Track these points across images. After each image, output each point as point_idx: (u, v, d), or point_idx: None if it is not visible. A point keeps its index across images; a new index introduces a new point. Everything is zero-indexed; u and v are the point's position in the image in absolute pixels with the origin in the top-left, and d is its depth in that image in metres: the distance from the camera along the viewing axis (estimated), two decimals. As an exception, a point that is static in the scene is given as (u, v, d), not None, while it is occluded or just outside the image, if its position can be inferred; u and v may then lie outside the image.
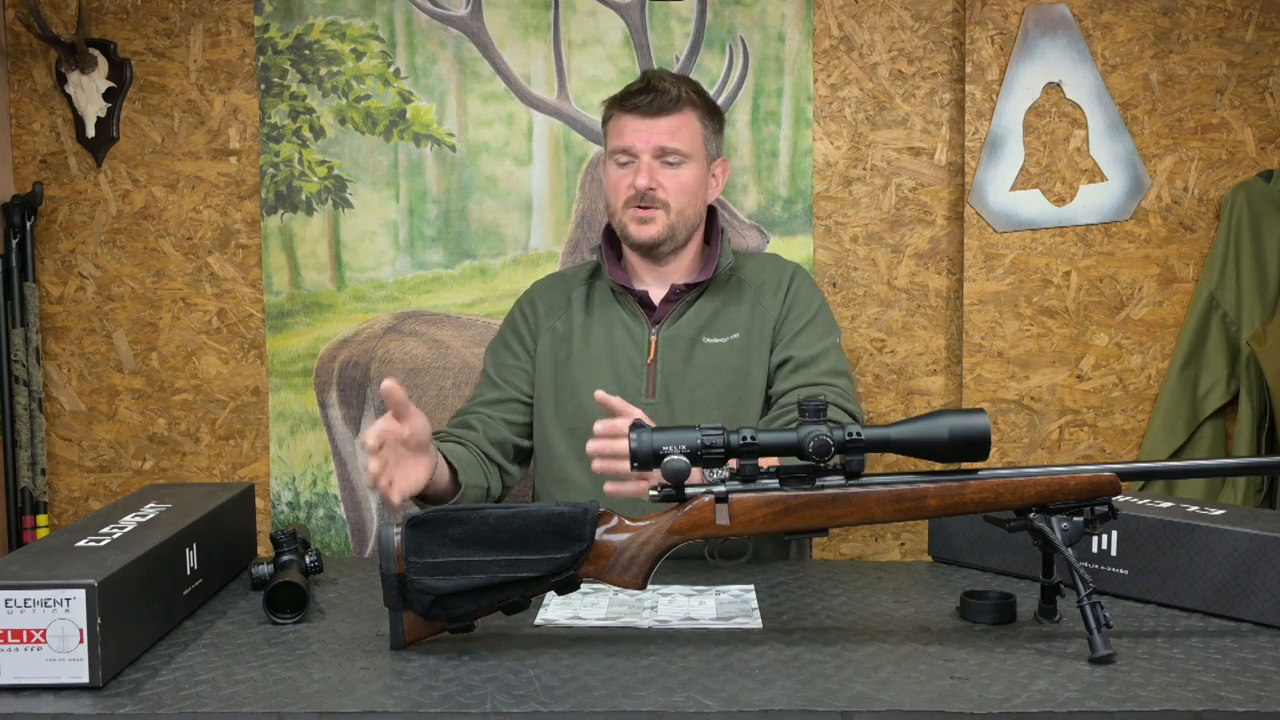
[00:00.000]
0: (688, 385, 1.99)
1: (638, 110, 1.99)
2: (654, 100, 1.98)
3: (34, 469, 2.48)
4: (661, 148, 1.98)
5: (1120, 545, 1.58)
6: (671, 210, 1.99)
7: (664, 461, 1.37)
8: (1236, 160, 2.45)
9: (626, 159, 2.01)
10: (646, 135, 1.98)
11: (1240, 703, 1.21)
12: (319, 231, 2.54)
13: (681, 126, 2.00)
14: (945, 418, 1.39)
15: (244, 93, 2.53)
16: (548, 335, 2.07)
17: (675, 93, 2.00)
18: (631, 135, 1.99)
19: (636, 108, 1.99)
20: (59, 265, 2.56)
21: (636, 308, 2.03)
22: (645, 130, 1.98)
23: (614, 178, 2.02)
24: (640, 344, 2.02)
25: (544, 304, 2.10)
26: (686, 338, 2.01)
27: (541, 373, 2.05)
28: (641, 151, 1.98)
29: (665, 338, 2.01)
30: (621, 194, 2.00)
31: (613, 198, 2.03)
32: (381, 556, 1.36)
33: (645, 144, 1.98)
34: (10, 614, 1.25)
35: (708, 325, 2.01)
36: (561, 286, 2.13)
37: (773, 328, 2.02)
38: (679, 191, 1.99)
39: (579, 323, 2.06)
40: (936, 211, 2.52)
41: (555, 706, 1.21)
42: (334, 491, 2.57)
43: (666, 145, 1.98)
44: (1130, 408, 2.49)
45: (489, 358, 2.12)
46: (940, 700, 1.21)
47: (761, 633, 1.45)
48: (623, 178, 2.01)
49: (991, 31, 2.44)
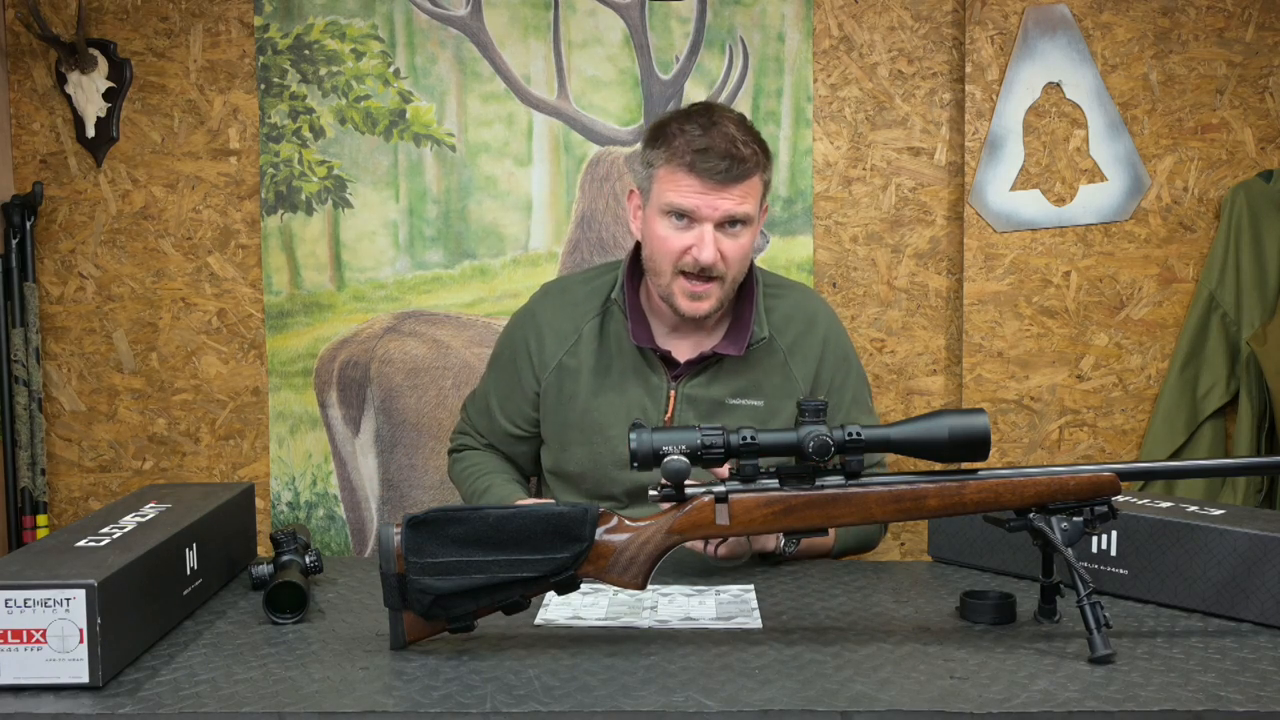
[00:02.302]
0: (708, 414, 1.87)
1: (709, 176, 1.75)
2: (729, 170, 1.75)
3: (34, 469, 2.48)
4: (730, 215, 1.77)
5: (1120, 545, 1.58)
6: (727, 280, 1.81)
7: (664, 461, 1.37)
8: (1236, 160, 2.45)
9: (683, 218, 1.78)
10: (714, 203, 1.76)
11: (1240, 703, 1.21)
12: (319, 231, 2.54)
13: (749, 192, 1.79)
14: (945, 418, 1.39)
15: (244, 93, 2.53)
16: (554, 371, 1.92)
17: (750, 161, 1.77)
18: (697, 199, 1.76)
19: (708, 173, 1.75)
20: (59, 265, 2.56)
21: (657, 362, 1.88)
22: (713, 198, 1.76)
23: (665, 238, 1.79)
24: (658, 399, 1.87)
25: (551, 335, 1.93)
26: (708, 399, 1.87)
27: (545, 405, 1.94)
28: (705, 219, 1.77)
29: (685, 395, 1.87)
30: (673, 259, 1.79)
31: (660, 259, 1.81)
32: (381, 556, 1.36)
33: (712, 212, 1.76)
34: (10, 614, 1.25)
35: (738, 388, 1.88)
36: (570, 313, 1.94)
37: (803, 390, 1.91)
38: (737, 259, 1.80)
39: (589, 365, 1.90)
40: (936, 211, 2.52)
41: (555, 706, 1.21)
42: (334, 491, 2.57)
43: (735, 212, 1.77)
44: (1130, 408, 2.49)
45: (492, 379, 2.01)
46: (940, 700, 1.21)
47: (761, 633, 1.45)
48: (677, 240, 1.78)
49: (991, 31, 2.44)
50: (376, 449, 2.57)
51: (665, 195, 1.79)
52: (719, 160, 1.74)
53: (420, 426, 2.56)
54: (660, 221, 1.80)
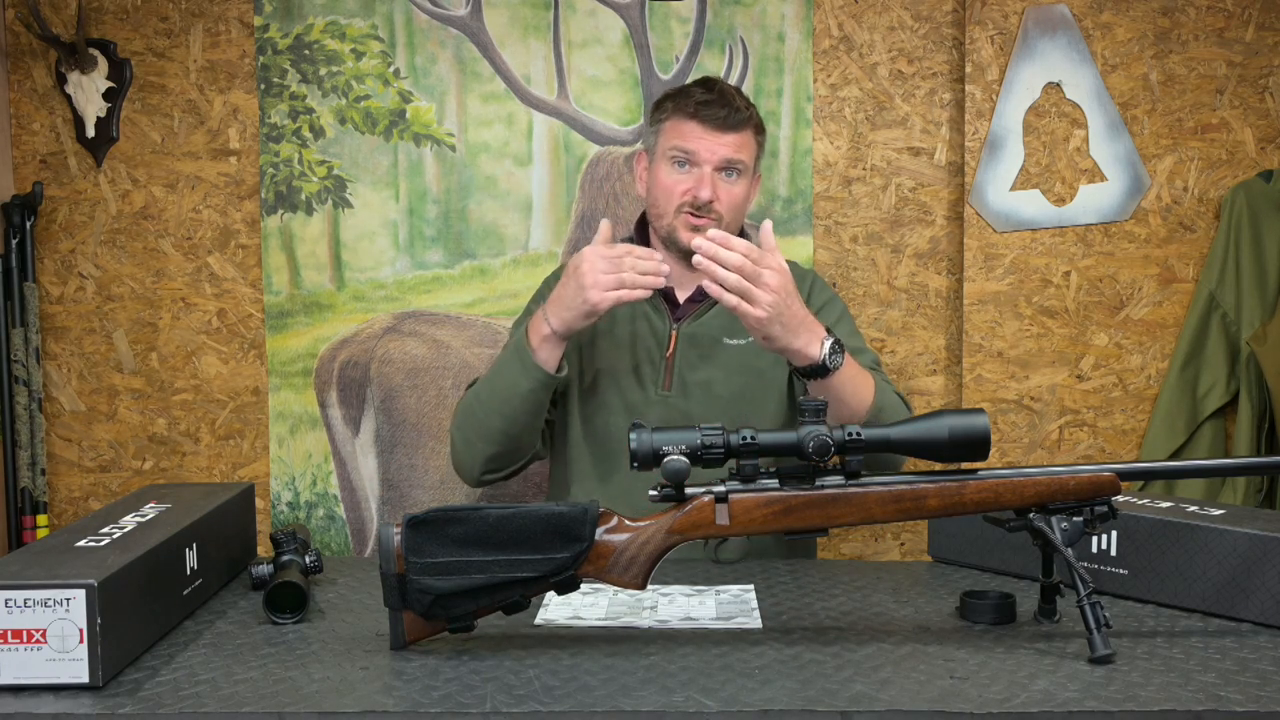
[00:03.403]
0: (704, 382, 2.01)
1: (710, 122, 1.97)
2: (729, 116, 1.96)
3: (34, 469, 2.48)
4: (727, 160, 1.97)
5: (1120, 545, 1.58)
6: (723, 223, 1.97)
7: (664, 462, 1.37)
8: (1236, 160, 2.45)
9: (686, 163, 1.98)
10: (713, 146, 1.96)
11: (1240, 703, 1.21)
12: (319, 231, 2.54)
13: (744, 143, 2.00)
14: (945, 418, 1.39)
15: (244, 93, 2.53)
16: None
17: (746, 112, 2.00)
18: (697, 142, 1.97)
19: (709, 119, 1.97)
20: (59, 265, 2.56)
21: (660, 301, 2.04)
22: (712, 141, 1.96)
23: (669, 180, 1.99)
24: (660, 337, 2.03)
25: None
26: (707, 336, 2.03)
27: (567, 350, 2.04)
28: (705, 161, 1.97)
29: (686, 334, 2.03)
30: (676, 198, 1.99)
31: (664, 200, 2.00)
32: (381, 556, 1.36)
33: (711, 155, 1.97)
34: (10, 614, 1.25)
35: (729, 327, 2.02)
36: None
37: None
38: (732, 206, 1.99)
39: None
40: (936, 211, 2.52)
41: (555, 706, 1.21)
42: (334, 491, 2.57)
43: (732, 158, 1.98)
44: (1130, 408, 2.49)
45: (515, 330, 2.10)
46: (940, 700, 1.21)
47: (761, 633, 1.45)
48: (679, 182, 1.98)
49: (991, 31, 2.44)
50: (376, 449, 2.57)
51: (671, 141, 1.99)
52: (719, 109, 1.97)
53: (420, 426, 2.56)
54: (665, 167, 2.00)
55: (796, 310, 1.76)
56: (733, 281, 1.73)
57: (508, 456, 1.98)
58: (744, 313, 1.74)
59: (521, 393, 1.90)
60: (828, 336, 1.78)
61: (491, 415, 1.93)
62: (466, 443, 1.98)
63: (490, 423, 1.93)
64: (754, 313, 1.73)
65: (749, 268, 1.73)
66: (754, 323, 1.75)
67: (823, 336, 1.79)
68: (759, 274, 1.73)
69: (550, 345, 1.88)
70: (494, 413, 1.93)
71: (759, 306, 1.73)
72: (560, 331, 1.87)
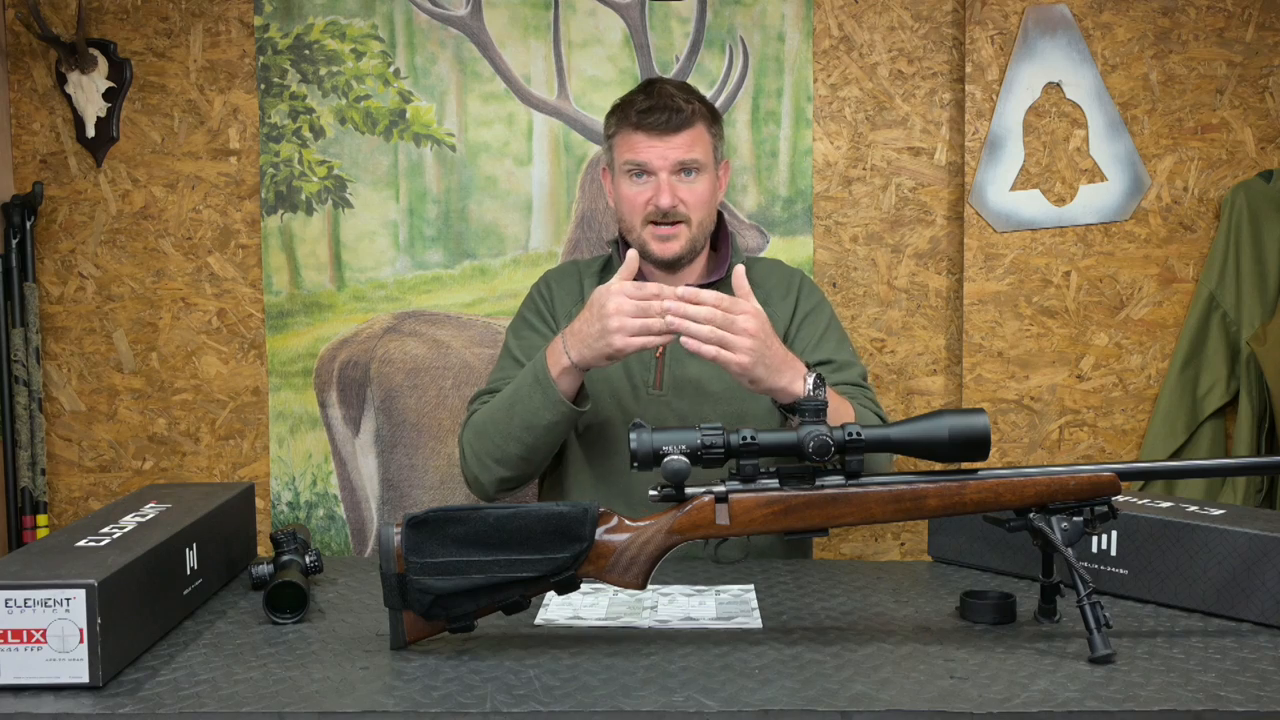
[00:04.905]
0: (695, 380, 2.00)
1: (654, 129, 1.97)
2: (669, 120, 1.96)
3: (34, 469, 2.48)
4: (679, 162, 1.97)
5: (1120, 545, 1.58)
6: (693, 223, 1.99)
7: (664, 462, 1.37)
8: (1236, 160, 2.45)
9: (641, 173, 1.99)
10: (664, 152, 1.96)
11: (1240, 703, 1.21)
12: (319, 231, 2.54)
13: (695, 140, 1.99)
14: (945, 418, 1.39)
15: (244, 93, 2.53)
16: (564, 320, 2.05)
17: (687, 110, 1.98)
18: (647, 152, 1.97)
19: (652, 127, 1.97)
20: (59, 265, 2.57)
21: None
22: (661, 147, 1.97)
23: (630, 194, 2.00)
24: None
25: (560, 289, 2.11)
26: None
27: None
28: (659, 169, 1.97)
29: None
30: (639, 210, 1.99)
31: (629, 215, 2.01)
32: (381, 556, 1.36)
33: (663, 161, 1.97)
34: (10, 614, 1.25)
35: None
36: (575, 274, 2.14)
37: (783, 330, 2.02)
38: (698, 204, 1.99)
39: None
40: (936, 211, 2.52)
41: (555, 706, 1.21)
42: (334, 491, 2.58)
43: (684, 159, 1.97)
44: (1130, 408, 2.49)
45: (511, 337, 2.10)
46: (940, 700, 1.22)
47: (761, 633, 1.45)
48: (639, 194, 1.99)
49: (991, 31, 2.44)
50: (376, 449, 2.57)
51: (623, 155, 2.01)
52: (659, 114, 1.97)
53: (420, 426, 2.56)
54: (624, 181, 2.02)
55: (777, 350, 1.74)
56: (705, 333, 1.69)
57: (523, 478, 1.96)
58: (725, 361, 1.70)
59: (544, 424, 1.86)
60: (809, 372, 1.74)
61: (510, 442, 1.89)
62: (481, 463, 1.94)
63: (508, 448, 1.90)
64: (735, 359, 1.69)
65: (720, 317, 1.69)
66: (737, 369, 1.71)
67: (804, 373, 1.75)
68: (733, 321, 1.69)
69: (570, 377, 1.84)
70: (512, 439, 1.89)
71: (739, 353, 1.69)
72: (579, 365, 1.82)
